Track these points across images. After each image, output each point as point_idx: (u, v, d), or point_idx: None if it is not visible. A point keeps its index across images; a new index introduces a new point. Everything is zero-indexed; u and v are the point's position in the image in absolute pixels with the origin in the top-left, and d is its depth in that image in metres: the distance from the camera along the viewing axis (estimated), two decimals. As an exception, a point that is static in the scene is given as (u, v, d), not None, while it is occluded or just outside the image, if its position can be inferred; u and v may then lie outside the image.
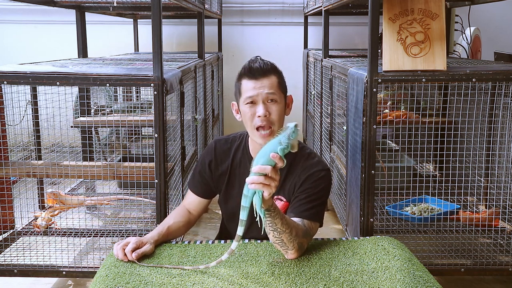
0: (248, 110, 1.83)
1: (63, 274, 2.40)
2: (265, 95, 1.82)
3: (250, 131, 1.87)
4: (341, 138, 3.00)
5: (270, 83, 1.83)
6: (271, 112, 1.82)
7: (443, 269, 2.36)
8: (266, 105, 1.82)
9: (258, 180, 1.54)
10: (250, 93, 1.82)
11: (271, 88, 1.83)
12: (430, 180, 3.23)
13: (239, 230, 1.62)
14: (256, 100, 1.83)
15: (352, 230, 2.55)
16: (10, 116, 2.61)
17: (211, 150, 2.00)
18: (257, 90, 1.82)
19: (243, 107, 1.85)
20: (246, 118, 1.85)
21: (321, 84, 3.77)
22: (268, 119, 1.82)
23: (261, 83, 1.82)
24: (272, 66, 1.87)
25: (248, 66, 1.85)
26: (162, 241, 1.86)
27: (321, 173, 1.86)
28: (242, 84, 1.86)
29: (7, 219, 2.62)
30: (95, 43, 4.73)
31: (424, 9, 2.23)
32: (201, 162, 2.01)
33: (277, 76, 1.87)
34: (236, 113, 1.94)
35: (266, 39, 5.79)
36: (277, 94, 1.84)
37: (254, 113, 1.82)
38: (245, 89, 1.84)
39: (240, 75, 1.88)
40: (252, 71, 1.83)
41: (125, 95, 4.36)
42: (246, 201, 1.60)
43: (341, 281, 1.60)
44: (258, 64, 1.84)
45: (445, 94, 3.44)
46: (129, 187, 3.30)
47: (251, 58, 1.89)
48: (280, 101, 1.85)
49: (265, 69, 1.84)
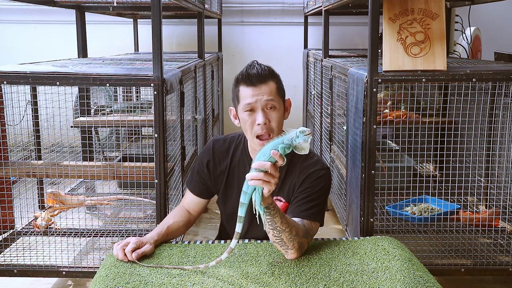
0: (248, 118, 1.82)
1: (63, 274, 2.40)
2: (264, 102, 1.80)
3: (250, 139, 1.87)
4: (341, 138, 3.00)
5: (269, 89, 1.81)
6: (270, 119, 1.81)
7: (443, 269, 2.36)
8: (266, 113, 1.81)
9: (258, 176, 1.54)
10: (249, 100, 1.81)
11: (270, 95, 1.81)
12: (430, 180, 3.23)
13: (238, 227, 1.61)
14: (255, 107, 1.81)
15: (352, 230, 2.55)
16: (10, 116, 2.61)
17: (209, 150, 1.99)
18: (256, 97, 1.80)
19: (242, 114, 1.84)
20: (245, 125, 1.84)
21: (321, 84, 3.77)
22: (267, 126, 1.81)
23: (260, 90, 1.80)
24: (270, 71, 1.85)
25: (245, 72, 1.83)
26: (162, 241, 1.86)
27: (321, 172, 1.86)
28: (240, 91, 1.84)
29: (7, 219, 2.62)
30: (95, 43, 4.73)
31: (424, 9, 2.23)
32: (199, 162, 2.01)
33: (275, 82, 1.85)
34: (235, 118, 1.93)
35: (266, 39, 5.79)
36: (276, 101, 1.83)
37: (253, 120, 1.81)
38: (244, 96, 1.83)
39: (237, 81, 1.86)
40: (250, 77, 1.81)
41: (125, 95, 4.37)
42: (245, 197, 1.60)
43: (341, 281, 1.60)
44: (256, 70, 1.82)
45: (445, 94, 3.44)
46: (129, 187, 3.30)
47: (248, 63, 1.87)
48: (279, 107, 1.84)
49: (263, 75, 1.82)
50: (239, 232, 1.62)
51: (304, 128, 1.60)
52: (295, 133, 1.59)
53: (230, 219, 1.99)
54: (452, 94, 2.95)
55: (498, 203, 2.73)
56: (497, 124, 2.72)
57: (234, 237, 1.63)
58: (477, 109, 2.57)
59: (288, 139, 1.59)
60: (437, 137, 3.25)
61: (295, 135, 1.59)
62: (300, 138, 1.58)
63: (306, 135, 1.58)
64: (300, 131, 1.59)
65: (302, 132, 1.58)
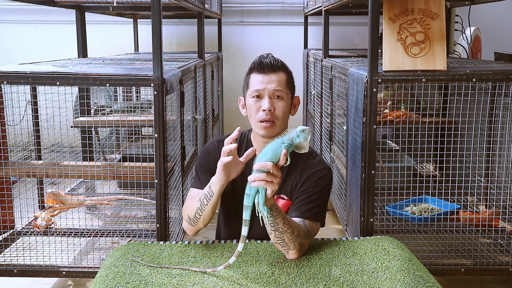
0: (253, 104, 1.84)
1: (63, 274, 2.40)
2: (272, 91, 1.83)
3: (254, 124, 1.87)
4: (341, 138, 3.00)
5: (279, 79, 1.84)
6: (276, 107, 1.83)
7: (443, 269, 2.36)
8: (272, 100, 1.83)
9: (260, 177, 1.54)
10: (258, 87, 1.83)
11: (278, 84, 1.83)
12: (430, 180, 3.23)
13: (244, 230, 1.62)
14: (262, 94, 1.83)
15: (352, 230, 2.55)
16: (10, 116, 2.61)
17: (214, 149, 1.93)
18: (265, 84, 1.83)
19: (249, 100, 1.86)
20: (251, 111, 1.86)
21: (321, 84, 3.77)
22: (272, 113, 1.82)
23: (269, 78, 1.83)
24: (282, 64, 1.89)
25: (258, 61, 1.87)
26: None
27: (323, 172, 1.86)
28: (250, 78, 1.87)
29: (7, 219, 2.63)
30: (95, 43, 4.73)
31: (424, 9, 2.23)
32: (205, 160, 1.95)
33: (286, 74, 1.88)
34: (242, 108, 1.93)
35: (266, 39, 5.79)
36: (284, 91, 1.85)
37: (259, 106, 1.83)
38: (253, 82, 1.85)
39: (250, 69, 1.90)
40: (262, 65, 1.85)
41: (125, 95, 4.36)
42: (248, 200, 1.60)
43: (341, 281, 1.60)
44: (269, 60, 1.86)
45: (445, 94, 3.44)
46: (129, 187, 3.30)
47: (263, 54, 1.91)
48: (287, 98, 1.86)
49: (275, 66, 1.85)
50: (245, 236, 1.62)
51: (304, 127, 1.61)
52: (295, 133, 1.61)
53: (233, 215, 1.94)
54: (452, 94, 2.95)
55: (498, 203, 2.73)
56: (497, 124, 2.72)
57: (241, 241, 1.63)
58: (477, 109, 2.57)
59: (288, 139, 1.60)
60: (437, 137, 3.25)
61: (295, 134, 1.61)
62: (300, 137, 1.59)
63: (306, 134, 1.59)
64: (300, 130, 1.60)
65: (302, 131, 1.59)
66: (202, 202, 1.80)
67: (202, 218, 1.82)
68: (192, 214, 1.83)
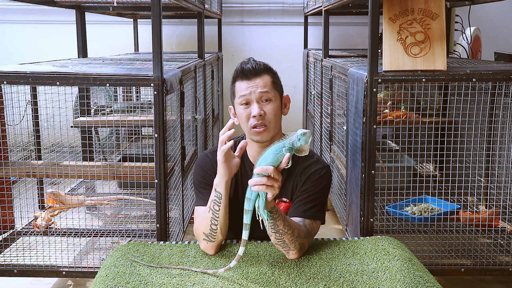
0: (243, 111, 1.82)
1: (63, 274, 2.40)
2: (259, 94, 1.81)
3: (247, 131, 1.86)
4: (341, 138, 3.00)
5: (264, 82, 1.82)
6: (266, 111, 1.81)
7: (443, 269, 2.36)
8: (261, 105, 1.81)
9: (261, 181, 1.54)
10: (244, 93, 1.82)
11: (264, 87, 1.82)
12: (430, 180, 3.23)
13: (244, 234, 1.62)
14: (249, 99, 1.81)
15: (352, 230, 2.55)
16: (10, 116, 2.61)
17: (209, 162, 1.89)
18: (250, 89, 1.81)
19: (239, 109, 1.84)
20: (242, 119, 1.84)
21: (321, 84, 3.77)
22: (263, 117, 1.80)
23: (254, 83, 1.82)
24: (265, 66, 1.86)
25: (240, 68, 1.85)
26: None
27: (322, 171, 1.86)
28: (235, 86, 1.86)
29: (7, 219, 2.62)
30: (95, 43, 4.73)
31: (424, 9, 2.23)
32: (203, 175, 1.90)
33: (271, 75, 1.86)
34: (234, 116, 1.92)
35: (266, 39, 5.79)
36: (271, 93, 1.83)
37: (249, 113, 1.81)
38: (239, 90, 1.84)
39: (233, 78, 1.88)
40: (244, 71, 1.83)
41: (125, 95, 4.36)
42: (249, 204, 1.60)
43: (341, 281, 1.60)
44: (250, 65, 1.84)
45: (445, 94, 3.44)
46: (129, 187, 3.30)
47: (244, 59, 1.89)
48: (275, 99, 1.84)
49: (258, 69, 1.83)
50: (246, 240, 1.62)
51: (304, 130, 1.61)
52: (296, 136, 1.60)
53: (232, 220, 1.94)
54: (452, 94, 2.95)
55: (498, 203, 2.73)
56: (497, 124, 2.72)
57: (242, 245, 1.63)
58: (477, 109, 2.57)
59: (289, 142, 1.60)
60: (437, 137, 3.25)
61: (296, 138, 1.60)
62: (301, 140, 1.59)
63: (306, 137, 1.59)
64: (301, 133, 1.59)
65: (303, 134, 1.59)
66: (213, 209, 1.76)
67: (219, 227, 1.76)
68: (207, 228, 1.78)
